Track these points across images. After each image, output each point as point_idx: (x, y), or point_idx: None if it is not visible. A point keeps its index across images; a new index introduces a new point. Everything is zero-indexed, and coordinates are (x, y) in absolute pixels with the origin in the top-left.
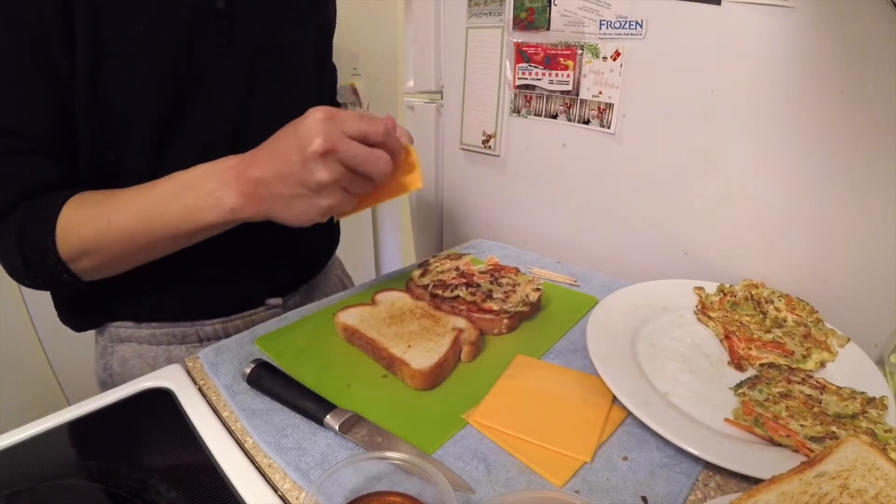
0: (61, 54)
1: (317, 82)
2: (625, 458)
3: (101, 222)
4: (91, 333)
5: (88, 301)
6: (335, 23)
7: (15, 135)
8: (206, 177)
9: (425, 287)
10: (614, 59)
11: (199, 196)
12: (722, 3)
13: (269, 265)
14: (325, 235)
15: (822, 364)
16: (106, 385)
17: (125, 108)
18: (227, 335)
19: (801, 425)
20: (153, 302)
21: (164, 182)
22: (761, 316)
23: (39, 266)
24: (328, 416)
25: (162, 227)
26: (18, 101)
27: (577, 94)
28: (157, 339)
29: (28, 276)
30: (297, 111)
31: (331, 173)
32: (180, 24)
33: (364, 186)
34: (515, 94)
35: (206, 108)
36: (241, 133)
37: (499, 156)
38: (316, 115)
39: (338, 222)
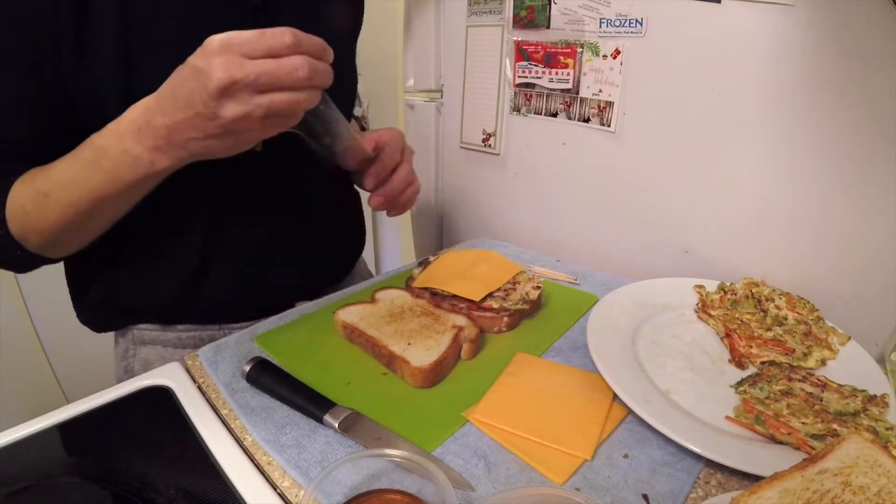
0: (74, 49)
1: (347, 81)
2: (626, 456)
3: (38, 196)
4: (95, 334)
5: (112, 302)
6: (361, 23)
7: None
8: (114, 137)
9: None
10: (614, 58)
11: (113, 159)
12: (722, 1)
13: (299, 267)
14: (354, 236)
15: (823, 362)
16: None
17: None
18: None
19: (803, 423)
20: (182, 304)
21: (82, 149)
22: (762, 314)
23: None
24: (327, 414)
25: (90, 195)
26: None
27: (578, 93)
28: (182, 343)
29: None
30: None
31: (239, 107)
32: (216, 20)
33: (294, 105)
34: (515, 93)
35: None
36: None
37: (499, 154)
38: (211, 46)
39: (362, 223)
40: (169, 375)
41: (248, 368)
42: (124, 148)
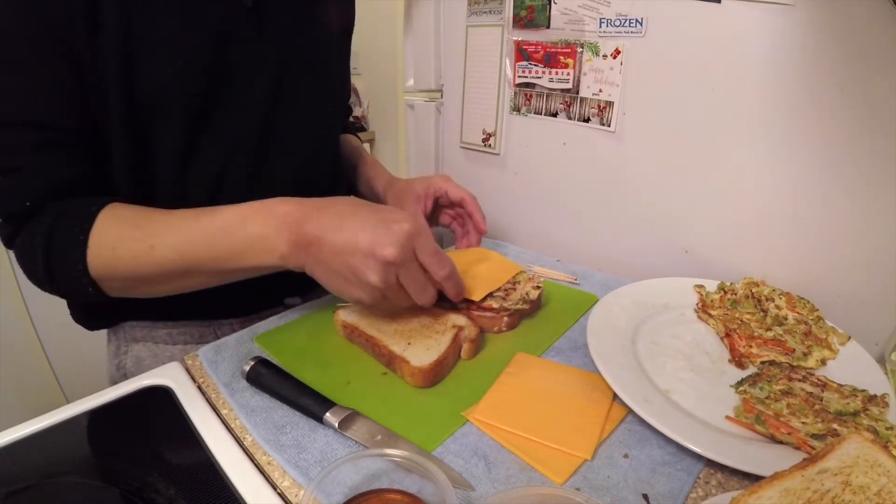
0: (86, 49)
1: (341, 81)
2: (626, 456)
3: (141, 245)
4: (94, 333)
5: (105, 300)
6: (354, 24)
7: (39, 127)
8: (259, 219)
9: None
10: (614, 58)
11: (248, 238)
12: (722, 1)
13: None
14: None
15: (823, 362)
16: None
17: (157, 108)
18: None
19: (803, 423)
20: (172, 301)
21: (211, 215)
22: (762, 314)
23: (64, 277)
24: (327, 414)
25: (206, 261)
26: (42, 92)
27: (578, 93)
28: (173, 339)
29: (49, 283)
30: (324, 111)
31: (383, 281)
32: (211, 21)
33: (401, 302)
34: (515, 93)
35: (235, 106)
36: (268, 132)
37: (499, 154)
38: (404, 225)
39: None
40: (169, 375)
41: (247, 368)
42: (265, 233)
